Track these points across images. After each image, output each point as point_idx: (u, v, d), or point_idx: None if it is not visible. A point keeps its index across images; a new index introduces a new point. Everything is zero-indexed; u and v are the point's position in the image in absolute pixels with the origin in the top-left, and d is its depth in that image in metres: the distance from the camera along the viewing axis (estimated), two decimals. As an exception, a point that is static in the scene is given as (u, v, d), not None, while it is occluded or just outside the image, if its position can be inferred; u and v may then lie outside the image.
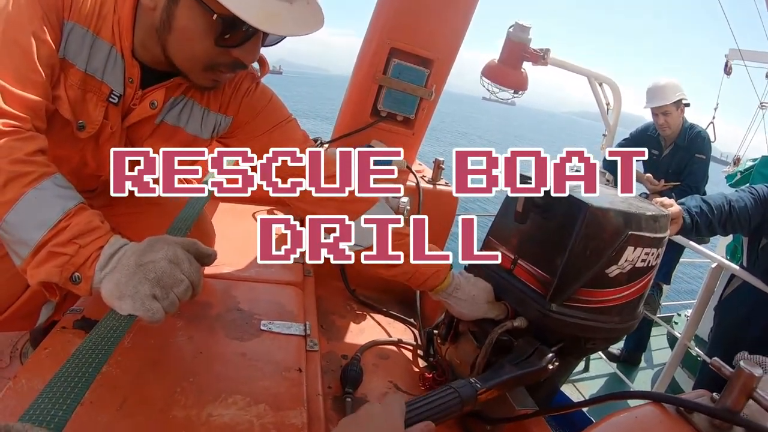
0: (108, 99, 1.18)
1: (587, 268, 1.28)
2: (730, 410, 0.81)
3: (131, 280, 0.93)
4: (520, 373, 1.24)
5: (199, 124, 1.35)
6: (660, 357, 4.43)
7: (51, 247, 0.94)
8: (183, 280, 0.97)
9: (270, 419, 1.08)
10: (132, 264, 0.94)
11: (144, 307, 0.92)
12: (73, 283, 0.96)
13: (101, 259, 0.96)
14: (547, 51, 3.05)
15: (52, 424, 0.70)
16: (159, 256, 0.96)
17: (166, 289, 0.95)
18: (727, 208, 2.22)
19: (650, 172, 4.07)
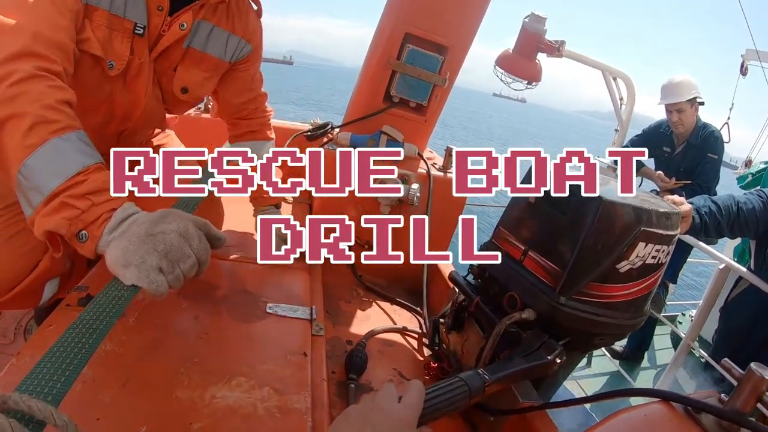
0: (134, 32, 1.24)
1: (598, 263, 1.26)
2: (738, 412, 0.80)
3: (139, 249, 0.92)
4: (529, 366, 1.23)
5: (223, 48, 1.44)
6: (663, 356, 4.43)
7: (64, 198, 0.94)
8: (190, 256, 0.98)
9: (274, 403, 1.07)
10: (142, 233, 0.94)
11: (149, 278, 0.92)
12: (79, 240, 0.96)
13: (112, 221, 0.96)
14: (563, 43, 3.01)
15: (50, 396, 0.69)
16: (170, 227, 0.96)
17: (173, 263, 0.95)
18: (735, 209, 2.20)
19: (662, 169, 4.04)
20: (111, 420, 0.93)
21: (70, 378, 0.73)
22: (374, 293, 2.15)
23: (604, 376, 4.05)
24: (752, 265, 2.78)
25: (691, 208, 1.97)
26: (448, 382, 1.07)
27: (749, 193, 2.44)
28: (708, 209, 2.11)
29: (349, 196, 2.16)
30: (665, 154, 4.06)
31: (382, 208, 2.18)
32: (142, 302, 1.29)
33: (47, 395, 0.69)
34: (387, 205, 2.17)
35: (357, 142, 2.21)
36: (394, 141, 2.22)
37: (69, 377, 0.73)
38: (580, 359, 1.64)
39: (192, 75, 1.45)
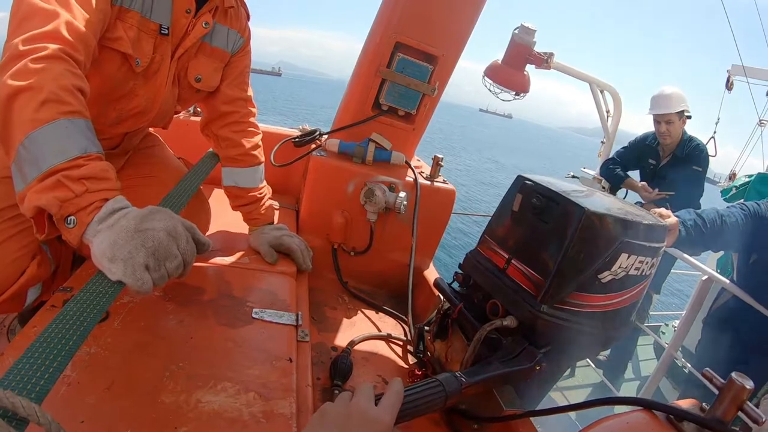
0: (159, 32, 1.37)
1: (580, 272, 1.28)
2: (720, 420, 0.82)
3: (128, 245, 0.94)
4: (506, 371, 1.25)
5: (225, 41, 1.61)
6: (646, 367, 4.47)
7: (61, 177, 0.95)
8: (177, 256, 1.00)
9: (259, 408, 1.07)
10: (131, 227, 0.96)
11: (135, 275, 0.94)
12: (66, 225, 0.97)
13: (102, 211, 0.98)
14: (551, 55, 3.04)
15: (33, 393, 0.69)
16: (160, 225, 0.98)
17: (159, 262, 0.97)
18: (719, 222, 2.24)
19: (647, 181, 4.10)
20: (95, 423, 0.93)
21: (53, 375, 0.73)
22: (360, 300, 2.16)
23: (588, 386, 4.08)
24: (735, 276, 2.83)
25: (677, 221, 2.00)
26: (426, 383, 1.09)
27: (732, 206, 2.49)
28: (693, 222, 2.14)
29: (336, 203, 2.19)
30: (650, 166, 4.12)
31: (369, 216, 2.19)
32: (128, 304, 1.29)
33: (30, 392, 0.68)
34: (374, 213, 2.18)
35: (345, 149, 2.23)
36: (382, 149, 2.24)
37: (52, 375, 0.73)
38: (564, 369, 1.66)
39: (204, 65, 1.60)
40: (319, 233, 2.20)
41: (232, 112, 1.79)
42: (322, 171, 2.19)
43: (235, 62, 1.73)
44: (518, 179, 1.51)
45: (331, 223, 2.22)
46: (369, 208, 2.18)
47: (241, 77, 1.79)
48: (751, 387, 0.81)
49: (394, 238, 2.28)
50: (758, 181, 3.99)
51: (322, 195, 2.21)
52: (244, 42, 1.72)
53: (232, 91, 1.77)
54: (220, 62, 1.66)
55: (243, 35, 1.70)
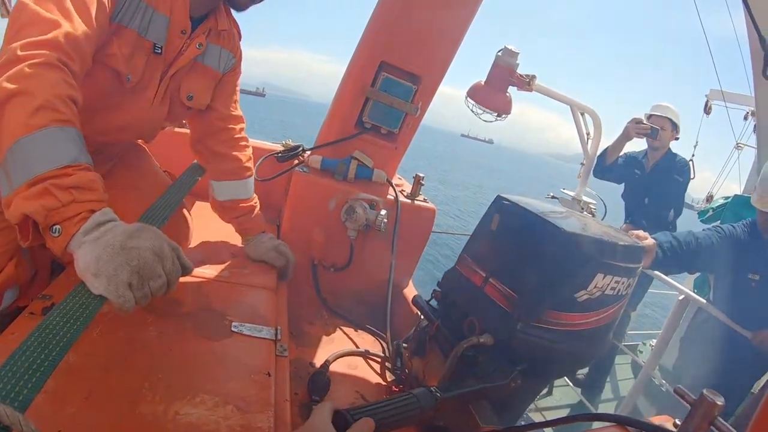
0: (153, 51, 1.41)
1: (556, 291, 1.31)
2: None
3: (113, 261, 0.93)
4: (481, 387, 1.27)
5: (217, 60, 1.65)
6: (624, 385, 4.50)
7: (48, 185, 0.94)
8: (161, 276, 0.99)
9: (237, 421, 1.08)
10: (117, 244, 0.94)
11: (117, 293, 0.93)
12: (51, 233, 0.96)
13: (89, 222, 0.97)
14: (533, 77, 3.10)
15: (17, 402, 0.68)
16: (146, 245, 0.97)
17: (143, 281, 0.96)
18: (695, 245, 2.30)
19: (632, 190, 4.17)
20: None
21: (37, 384, 0.73)
22: (338, 316, 2.17)
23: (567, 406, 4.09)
24: (712, 297, 2.89)
25: (654, 242, 2.05)
26: (401, 397, 1.10)
27: (708, 229, 2.56)
28: (670, 244, 2.20)
29: (318, 219, 2.20)
30: (635, 176, 4.19)
31: (350, 233, 2.21)
32: (107, 315, 1.28)
33: (14, 401, 0.68)
34: (354, 230, 2.20)
35: (328, 166, 2.25)
36: (364, 166, 2.26)
37: (36, 383, 0.73)
38: (542, 387, 1.68)
39: (196, 84, 1.63)
40: (300, 248, 2.20)
41: (227, 128, 1.83)
42: (305, 187, 2.20)
43: (226, 81, 1.76)
44: (497, 199, 1.54)
45: (311, 238, 2.23)
46: (349, 225, 2.20)
47: (233, 95, 1.83)
48: (721, 403, 0.84)
49: (374, 255, 2.29)
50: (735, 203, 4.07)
51: (303, 210, 2.22)
52: (236, 62, 1.75)
53: (227, 109, 1.81)
54: (212, 80, 1.69)
55: (235, 55, 1.73)
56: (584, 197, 4.05)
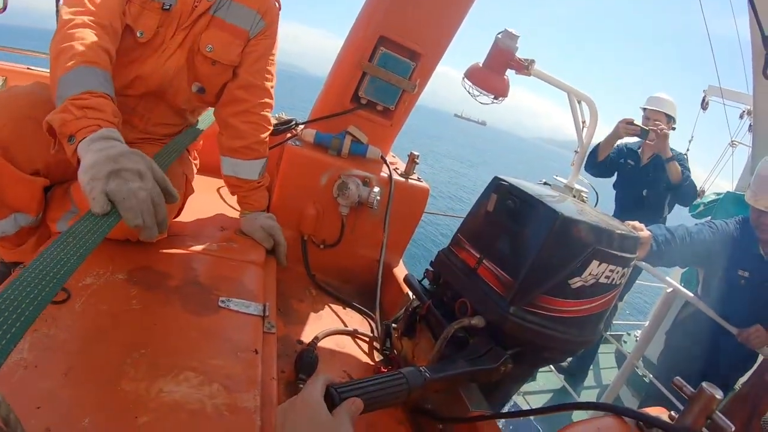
0: (163, 9, 1.56)
1: (551, 276, 1.28)
2: (688, 429, 0.83)
3: (105, 165, 1.12)
4: (471, 370, 1.25)
5: (242, 18, 1.70)
6: (607, 374, 4.54)
7: (68, 103, 1.21)
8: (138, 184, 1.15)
9: (222, 400, 1.05)
10: (111, 156, 1.14)
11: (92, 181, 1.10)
12: (69, 141, 1.19)
13: (95, 134, 1.18)
14: (532, 62, 3.06)
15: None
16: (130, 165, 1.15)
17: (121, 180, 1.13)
18: (688, 240, 2.29)
19: (627, 181, 4.16)
20: (52, 409, 0.89)
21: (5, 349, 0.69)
22: (327, 294, 2.14)
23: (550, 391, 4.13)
24: (699, 291, 2.89)
25: (650, 234, 2.03)
26: (389, 376, 1.08)
27: (701, 224, 2.55)
28: (664, 237, 2.18)
29: (309, 194, 2.16)
30: (629, 166, 4.16)
31: (341, 209, 2.18)
32: (91, 286, 1.24)
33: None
34: (346, 206, 2.16)
35: (321, 140, 2.20)
36: (358, 142, 2.22)
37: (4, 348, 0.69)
38: (530, 373, 1.67)
39: (216, 37, 1.67)
40: (290, 224, 2.17)
41: (244, 99, 1.79)
42: (297, 160, 2.16)
43: (253, 45, 1.76)
44: (494, 180, 1.51)
45: (302, 214, 2.19)
46: (341, 201, 2.16)
47: (260, 63, 1.79)
48: (720, 397, 0.82)
49: (365, 233, 2.26)
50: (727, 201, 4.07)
51: (294, 185, 2.18)
52: (266, 26, 1.75)
53: (250, 77, 1.78)
54: (236, 38, 1.71)
55: (264, 18, 1.74)
56: (576, 185, 4.03)
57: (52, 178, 1.53)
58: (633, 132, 3.81)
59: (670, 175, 3.77)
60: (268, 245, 1.87)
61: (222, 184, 2.18)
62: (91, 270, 1.31)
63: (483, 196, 1.53)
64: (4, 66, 2.64)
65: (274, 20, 1.77)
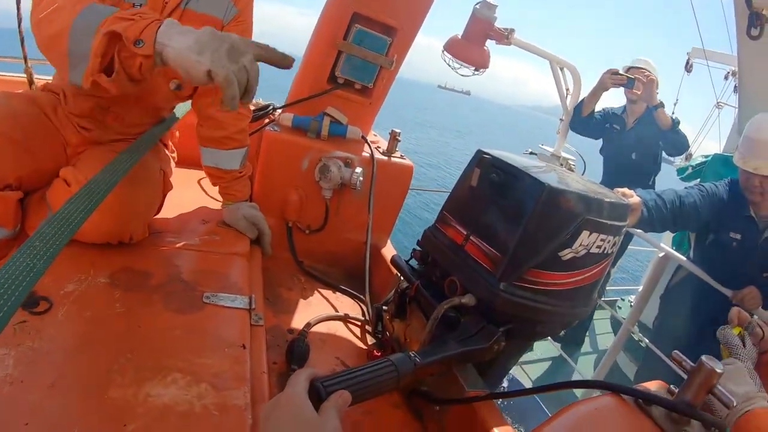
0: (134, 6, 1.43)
1: (540, 249, 1.26)
2: (689, 404, 0.81)
3: (213, 41, 1.13)
4: (463, 351, 1.23)
5: (214, 7, 1.63)
6: (603, 340, 4.58)
7: (117, 17, 1.14)
8: (249, 53, 1.18)
9: (211, 400, 1.03)
10: (209, 32, 1.15)
11: (221, 63, 1.12)
12: (137, 47, 1.14)
13: (165, 23, 1.16)
14: (512, 31, 3.01)
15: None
16: (229, 36, 1.17)
17: (237, 55, 1.15)
18: (678, 203, 2.28)
19: (613, 145, 4.15)
20: (40, 424, 0.87)
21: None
22: (316, 280, 2.12)
23: (547, 359, 4.16)
24: (692, 254, 2.90)
25: (640, 200, 2.01)
26: (377, 364, 1.06)
27: (690, 187, 2.54)
28: (654, 203, 2.17)
29: (291, 179, 2.13)
30: (615, 130, 4.14)
31: (324, 192, 2.14)
32: (73, 293, 1.21)
33: None
34: (329, 189, 2.13)
35: (300, 123, 2.16)
36: (337, 123, 2.18)
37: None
38: (526, 347, 1.66)
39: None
40: (273, 211, 2.13)
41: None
42: (276, 146, 2.11)
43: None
44: (477, 153, 1.48)
45: (285, 200, 2.15)
46: (324, 185, 2.12)
47: None
48: (720, 371, 0.81)
49: (350, 215, 2.24)
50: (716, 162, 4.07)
51: (275, 171, 2.14)
52: (238, 12, 1.70)
53: None
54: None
55: (237, 5, 1.69)
56: (563, 153, 4.01)
57: (25, 188, 1.47)
58: (618, 81, 3.78)
59: (660, 123, 3.76)
60: (252, 235, 1.84)
61: (202, 175, 2.14)
62: (72, 276, 1.28)
63: (466, 171, 1.50)
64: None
65: (247, 5, 1.72)
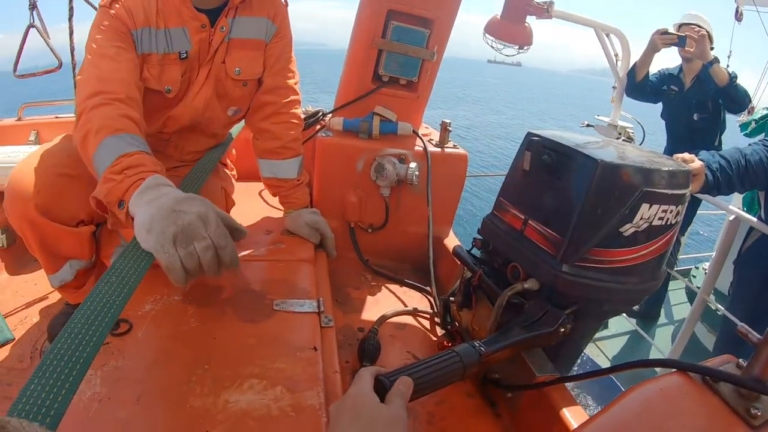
0: (180, 59, 1.56)
1: (599, 227, 1.23)
2: (758, 379, 0.78)
3: (163, 220, 1.07)
4: (528, 336, 1.22)
5: (255, 29, 1.69)
6: (679, 311, 4.39)
7: (106, 174, 1.20)
8: (205, 238, 1.10)
9: (287, 402, 1.07)
10: (168, 207, 1.09)
11: (164, 248, 1.07)
12: (119, 207, 1.18)
13: (141, 186, 1.16)
14: (551, 4, 2.94)
15: (48, 418, 0.67)
16: (192, 209, 1.11)
17: (188, 240, 1.08)
18: (743, 162, 2.15)
19: (673, 107, 3.97)
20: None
21: (67, 396, 0.71)
22: (382, 276, 2.15)
23: (623, 335, 4.03)
24: (763, 214, 2.74)
25: (702, 165, 1.91)
26: (442, 356, 1.07)
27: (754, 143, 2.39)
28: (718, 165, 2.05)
29: (348, 181, 2.16)
30: (672, 92, 3.96)
31: (382, 191, 2.17)
32: (149, 313, 1.29)
33: (45, 417, 0.67)
34: (386, 187, 2.16)
35: (350, 126, 2.19)
36: (387, 121, 2.20)
37: (66, 395, 0.71)
38: (597, 327, 1.62)
39: (240, 58, 1.69)
40: (335, 214, 2.18)
41: (271, 102, 1.81)
42: (330, 151, 2.16)
43: (270, 49, 1.76)
44: (527, 137, 1.46)
45: (344, 202, 2.20)
46: (381, 183, 2.15)
47: (279, 64, 1.80)
48: None
49: (410, 209, 2.25)
50: None
51: (332, 175, 2.19)
52: (278, 28, 1.75)
53: (272, 80, 1.80)
54: (256, 50, 1.72)
55: (275, 21, 1.73)
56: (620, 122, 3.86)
57: (97, 221, 1.59)
58: (669, 41, 3.62)
59: (716, 79, 3.56)
60: (316, 240, 1.89)
61: (262, 187, 2.22)
62: (148, 297, 1.36)
63: (518, 155, 1.48)
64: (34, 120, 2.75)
65: (284, 19, 1.77)
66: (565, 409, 1.21)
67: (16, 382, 1.59)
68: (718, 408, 0.79)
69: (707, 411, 0.79)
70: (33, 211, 1.42)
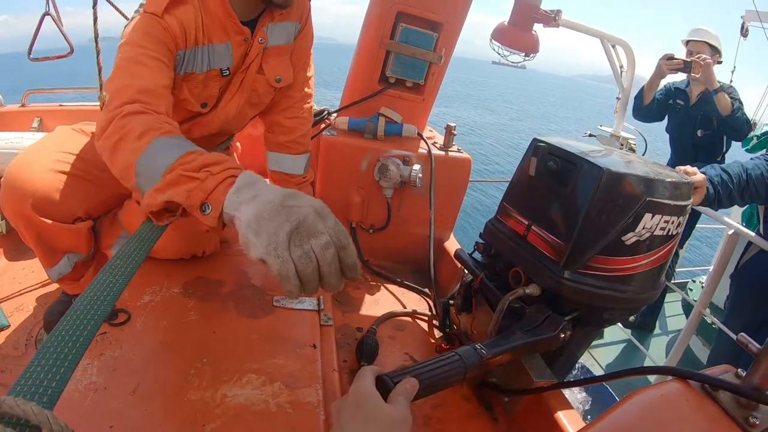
0: (222, 75, 1.52)
1: (602, 235, 1.23)
2: (756, 388, 0.78)
3: (274, 219, 0.88)
4: (529, 341, 1.22)
5: (286, 34, 1.66)
6: (674, 323, 4.40)
7: (180, 171, 0.98)
8: (324, 233, 0.88)
9: (285, 398, 1.07)
10: (277, 202, 0.90)
11: (276, 252, 0.86)
12: (203, 213, 0.97)
13: (236, 184, 0.96)
14: (559, 12, 2.94)
15: (45, 398, 0.66)
16: (305, 203, 0.91)
17: (304, 238, 0.87)
18: (745, 177, 2.16)
19: (679, 123, 3.97)
20: (124, 427, 0.94)
21: (64, 375, 0.71)
22: (382, 277, 2.15)
23: (617, 345, 4.03)
24: (761, 230, 2.74)
25: (704, 178, 1.92)
26: (444, 357, 1.07)
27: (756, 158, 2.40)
28: (720, 179, 2.06)
29: (351, 181, 2.16)
30: (678, 107, 3.97)
31: (385, 191, 2.17)
32: (149, 304, 1.29)
33: (42, 396, 0.66)
34: (389, 188, 2.16)
35: (356, 126, 2.19)
36: (392, 122, 2.20)
37: (63, 375, 0.71)
38: (594, 335, 1.62)
39: (277, 64, 1.67)
40: (336, 213, 2.11)
41: (288, 96, 1.82)
42: (334, 150, 2.16)
43: (295, 47, 1.75)
44: (532, 142, 1.46)
45: (347, 202, 2.20)
46: (384, 184, 2.15)
47: (302, 60, 1.80)
48: None
49: (413, 212, 2.25)
50: None
51: (335, 174, 2.19)
52: (302, 26, 1.73)
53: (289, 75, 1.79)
54: (287, 53, 1.71)
55: (301, 21, 1.71)
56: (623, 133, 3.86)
57: (93, 216, 1.57)
58: (676, 66, 3.62)
59: (719, 108, 3.56)
60: None
61: (267, 181, 2.21)
62: (148, 288, 1.36)
63: (523, 160, 1.49)
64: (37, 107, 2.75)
65: (308, 16, 1.75)
66: (561, 414, 1.22)
67: (10, 369, 1.58)
68: (718, 416, 0.79)
69: (707, 418, 0.80)
70: (29, 210, 1.39)
